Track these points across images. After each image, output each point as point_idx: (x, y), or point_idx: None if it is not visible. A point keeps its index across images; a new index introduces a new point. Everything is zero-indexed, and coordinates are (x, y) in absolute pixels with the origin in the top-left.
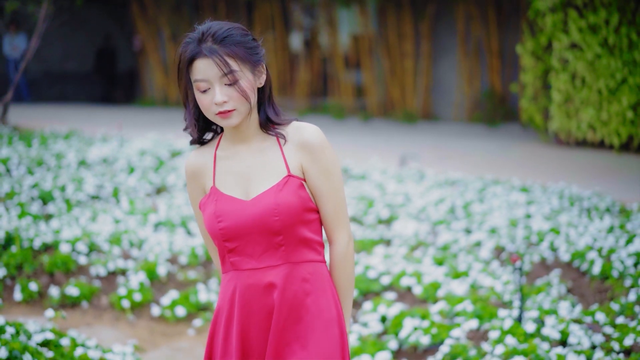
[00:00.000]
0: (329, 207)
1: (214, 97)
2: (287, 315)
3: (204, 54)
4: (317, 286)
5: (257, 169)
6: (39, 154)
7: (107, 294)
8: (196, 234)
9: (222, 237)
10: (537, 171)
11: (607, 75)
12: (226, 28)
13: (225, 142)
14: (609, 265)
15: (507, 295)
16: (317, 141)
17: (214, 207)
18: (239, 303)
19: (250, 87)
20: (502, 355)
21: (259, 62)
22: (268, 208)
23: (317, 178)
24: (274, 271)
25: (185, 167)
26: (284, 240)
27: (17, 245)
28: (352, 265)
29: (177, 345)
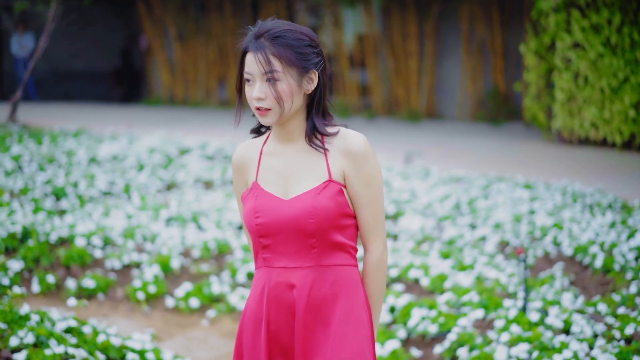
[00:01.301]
0: (366, 215)
1: (253, 92)
2: (315, 317)
3: (253, 49)
4: (348, 290)
5: (299, 170)
6: (49, 152)
7: (122, 286)
8: (207, 229)
9: (257, 232)
10: (540, 169)
11: (610, 74)
12: (283, 29)
13: (273, 139)
14: (611, 259)
15: (512, 287)
16: (361, 149)
17: (254, 203)
18: (267, 300)
19: (289, 91)
20: (507, 342)
21: (308, 69)
22: (305, 210)
23: (357, 185)
24: (303, 272)
25: (232, 159)
26: (317, 243)
27: (34, 239)
28: (385, 273)
29: (192, 335)
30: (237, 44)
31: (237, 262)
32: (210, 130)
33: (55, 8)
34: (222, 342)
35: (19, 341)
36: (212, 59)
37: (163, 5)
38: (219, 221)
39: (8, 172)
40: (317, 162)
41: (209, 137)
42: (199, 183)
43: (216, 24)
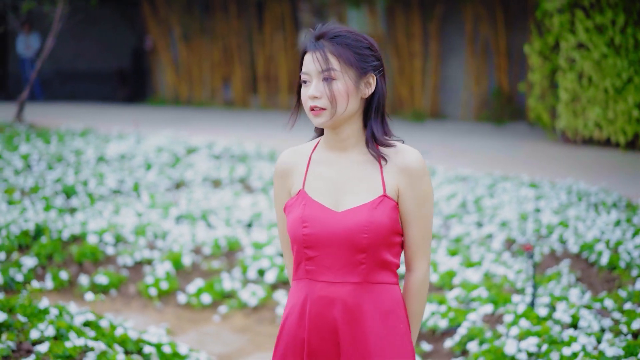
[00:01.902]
0: (415, 234)
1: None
2: (357, 335)
3: (311, 48)
4: (391, 308)
5: (351, 181)
6: (58, 151)
7: (135, 282)
8: (217, 227)
9: (303, 243)
10: (545, 168)
11: (614, 74)
12: (342, 30)
13: (323, 147)
14: (617, 257)
15: (520, 283)
16: (418, 167)
17: (301, 212)
18: (309, 314)
19: (345, 92)
20: (517, 336)
21: (366, 72)
22: (359, 224)
23: (410, 203)
24: (348, 287)
25: (276, 164)
26: (366, 259)
27: (47, 236)
28: (426, 294)
29: (204, 330)
30: (242, 43)
31: (248, 259)
32: (215, 130)
33: (62, 8)
34: (235, 337)
35: (39, 334)
36: (216, 59)
37: (168, 5)
38: (228, 219)
39: (17, 171)
40: (371, 175)
41: (214, 136)
42: (208, 182)
43: (221, 24)
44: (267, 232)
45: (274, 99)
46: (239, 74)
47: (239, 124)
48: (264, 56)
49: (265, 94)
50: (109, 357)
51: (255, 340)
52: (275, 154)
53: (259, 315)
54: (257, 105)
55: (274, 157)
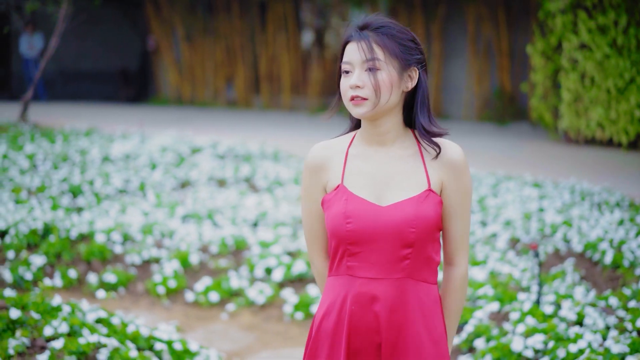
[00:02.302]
0: (457, 228)
1: (350, 80)
2: (399, 333)
3: (355, 37)
4: (430, 307)
5: (394, 175)
6: (63, 150)
7: (143, 281)
8: (223, 226)
9: (347, 239)
10: (547, 168)
11: (616, 75)
12: (387, 21)
13: (361, 142)
14: (620, 256)
15: (525, 281)
16: (461, 160)
17: (344, 207)
18: (350, 311)
19: (389, 82)
20: (523, 333)
21: (409, 64)
22: (407, 218)
23: (453, 197)
24: (390, 283)
25: (308, 159)
26: (412, 255)
27: (55, 235)
28: (466, 290)
29: (212, 328)
30: (244, 43)
31: (255, 258)
32: (219, 130)
33: (66, 8)
34: (242, 334)
35: (53, 331)
36: (219, 59)
37: (171, 5)
38: (234, 218)
39: (23, 171)
40: (414, 169)
41: (218, 136)
42: (213, 181)
43: (224, 24)
44: (274, 231)
45: (277, 99)
46: (242, 74)
47: (242, 124)
48: (267, 56)
49: (268, 94)
50: (121, 354)
51: (263, 338)
52: (280, 154)
53: (267, 313)
54: (259, 105)
55: (278, 156)
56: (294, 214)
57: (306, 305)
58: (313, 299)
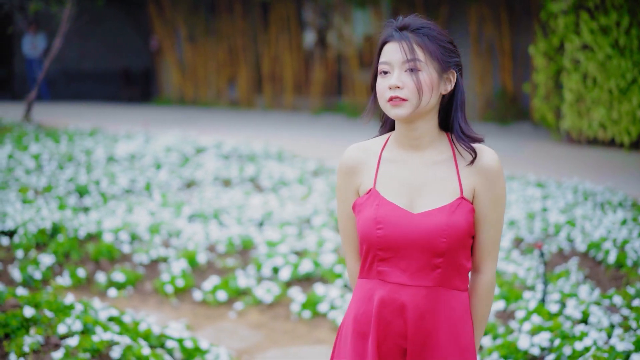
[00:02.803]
0: (488, 236)
1: (390, 80)
2: (426, 340)
3: (395, 38)
4: (461, 317)
5: (428, 182)
6: (68, 150)
7: (151, 280)
8: (229, 225)
9: (378, 244)
10: (550, 168)
11: (618, 75)
12: (427, 22)
13: (394, 146)
14: (624, 255)
15: (530, 280)
16: (496, 167)
17: (375, 212)
18: (377, 316)
19: (429, 84)
20: (529, 331)
21: (448, 66)
22: (438, 227)
23: (485, 205)
24: (420, 291)
25: (342, 161)
26: (443, 263)
27: (64, 234)
28: (493, 297)
29: (221, 327)
30: (247, 43)
31: (262, 257)
32: (222, 130)
33: (70, 9)
34: (251, 332)
35: (66, 329)
36: (222, 60)
37: (173, 6)
38: (239, 218)
39: (29, 171)
40: (448, 175)
41: (221, 136)
42: (218, 181)
43: (226, 24)
44: (280, 230)
45: (279, 99)
46: (244, 74)
47: (245, 124)
48: (269, 56)
49: (271, 94)
50: (134, 351)
51: (271, 336)
52: (283, 154)
53: (274, 312)
54: (262, 105)
55: (282, 156)
56: (300, 214)
57: (313, 304)
58: (320, 297)
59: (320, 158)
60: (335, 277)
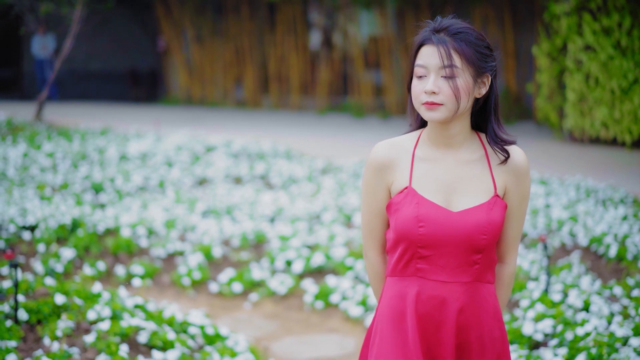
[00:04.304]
0: (513, 229)
1: (426, 85)
2: (465, 336)
3: (433, 41)
4: (491, 308)
5: (463, 180)
6: (81, 149)
7: (168, 272)
8: (241, 221)
9: (419, 242)
10: (553, 166)
11: (620, 75)
12: (464, 26)
13: (427, 144)
14: (624, 249)
15: (534, 272)
16: (525, 165)
17: (416, 210)
18: (419, 313)
19: (466, 89)
20: (533, 319)
21: (484, 71)
22: (479, 225)
23: (514, 201)
24: (460, 287)
25: (373, 157)
26: (481, 259)
27: (83, 229)
28: (512, 285)
29: (237, 317)
30: (253, 44)
31: (275, 251)
32: (229, 129)
33: (80, 10)
34: (266, 322)
35: (96, 315)
36: (229, 60)
37: (181, 7)
38: (251, 214)
39: (43, 169)
40: (481, 174)
41: (229, 135)
42: (229, 178)
43: (233, 25)
44: (291, 225)
45: (285, 99)
46: (251, 75)
47: (252, 124)
48: (276, 57)
49: (277, 94)
50: (160, 336)
51: (286, 325)
52: (292, 152)
53: (288, 303)
54: (268, 105)
55: (290, 155)
56: (310, 210)
57: (325, 295)
58: (332, 289)
59: (327, 156)
60: (347, 269)
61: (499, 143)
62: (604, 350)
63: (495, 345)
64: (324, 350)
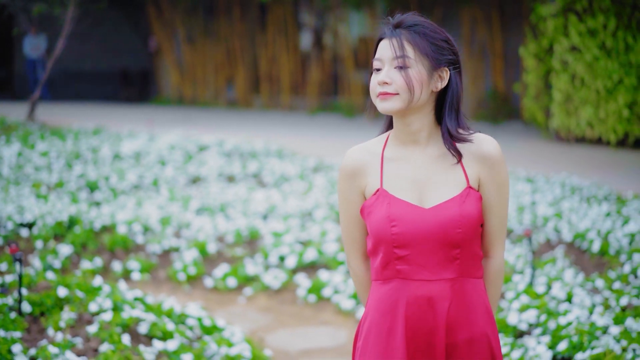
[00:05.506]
0: (495, 222)
1: (379, 76)
2: (456, 333)
3: (388, 35)
4: (480, 303)
5: (434, 176)
6: (74, 148)
7: (164, 268)
8: (235, 218)
9: (393, 242)
10: (539, 165)
11: (605, 76)
12: (420, 20)
13: (395, 143)
14: (607, 244)
15: (519, 266)
16: (497, 154)
17: (387, 211)
18: (405, 315)
19: (419, 80)
20: (518, 309)
21: (440, 64)
22: (452, 219)
23: (491, 191)
24: (445, 284)
25: (344, 164)
26: (460, 254)
27: (80, 226)
28: (502, 279)
29: (232, 311)
30: (244, 44)
31: (268, 246)
32: (220, 129)
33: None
34: (260, 315)
35: (97, 307)
36: (220, 61)
37: (172, 7)
38: (245, 211)
39: (38, 168)
40: (452, 167)
41: (220, 135)
42: (222, 177)
43: (224, 26)
44: (284, 222)
45: (276, 99)
46: (242, 75)
47: (243, 123)
48: (267, 57)
49: (268, 94)
50: (159, 327)
51: (280, 318)
52: (283, 151)
53: (282, 297)
54: (259, 105)
55: (282, 154)
56: (302, 208)
57: (318, 289)
58: (324, 283)
59: (319, 155)
60: (338, 264)
61: (449, 140)
62: (584, 338)
63: (487, 345)
64: (316, 342)
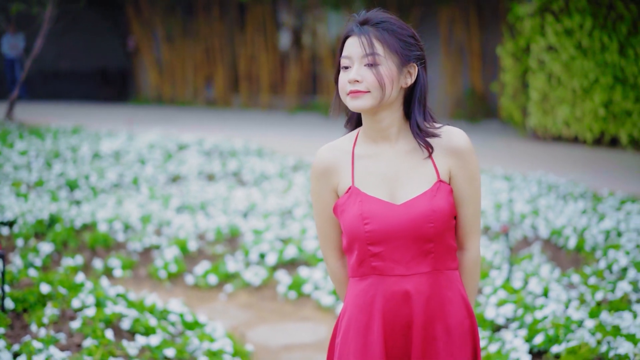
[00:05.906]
0: (468, 213)
1: (349, 74)
2: (433, 326)
3: (356, 32)
4: (456, 295)
5: (404, 171)
6: (53, 147)
7: (145, 266)
8: (215, 216)
9: (367, 240)
10: (517, 163)
11: (581, 75)
12: (387, 17)
13: (365, 140)
14: (583, 241)
15: (497, 262)
16: (466, 146)
17: (359, 208)
18: (382, 310)
19: (390, 77)
20: (496, 304)
21: (408, 60)
22: (423, 214)
23: (462, 183)
24: (420, 278)
25: (315, 164)
26: (434, 248)
27: (61, 224)
28: (479, 272)
29: (213, 307)
30: (224, 43)
31: (249, 244)
32: (200, 128)
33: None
34: (241, 312)
35: (80, 303)
36: (199, 60)
37: (151, 6)
38: (225, 209)
39: (17, 166)
40: (422, 162)
41: (200, 134)
42: (202, 175)
43: (203, 25)
44: (264, 220)
45: (255, 98)
46: (221, 74)
47: (223, 122)
48: (246, 56)
49: (247, 93)
50: (142, 322)
51: (260, 314)
52: (263, 150)
53: (262, 294)
54: (238, 104)
55: (262, 153)
56: (282, 206)
57: (298, 286)
58: (304, 279)
59: (298, 154)
60: (318, 261)
61: (419, 135)
62: (560, 332)
63: (466, 333)
64: (297, 337)
